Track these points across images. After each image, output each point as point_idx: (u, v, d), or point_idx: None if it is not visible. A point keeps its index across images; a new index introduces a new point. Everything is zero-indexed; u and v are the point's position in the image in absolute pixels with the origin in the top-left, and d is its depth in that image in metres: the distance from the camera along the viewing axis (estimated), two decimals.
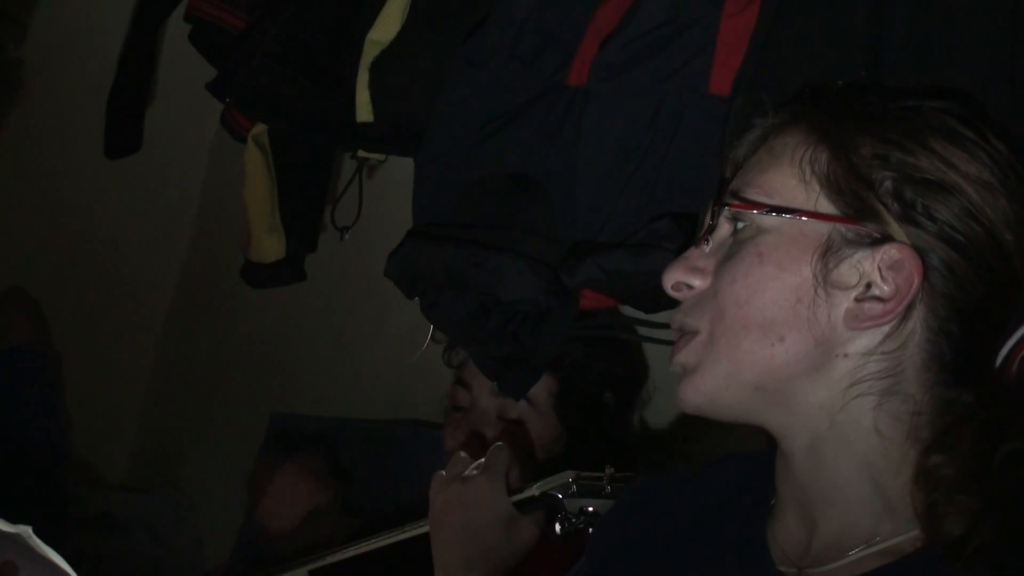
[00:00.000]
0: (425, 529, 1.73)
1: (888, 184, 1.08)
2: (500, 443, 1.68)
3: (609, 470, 1.61)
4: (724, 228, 1.16)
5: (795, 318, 1.09)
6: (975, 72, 1.47)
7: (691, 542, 1.23)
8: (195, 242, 3.22)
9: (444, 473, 1.66)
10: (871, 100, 1.15)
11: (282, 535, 2.44)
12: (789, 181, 1.11)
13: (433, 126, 1.88)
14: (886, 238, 1.07)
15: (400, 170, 2.06)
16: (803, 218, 1.10)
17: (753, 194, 1.13)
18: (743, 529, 1.20)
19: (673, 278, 1.17)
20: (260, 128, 2.14)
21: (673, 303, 1.19)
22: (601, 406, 2.11)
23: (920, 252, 1.06)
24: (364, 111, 1.96)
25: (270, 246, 2.21)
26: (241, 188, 2.25)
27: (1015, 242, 1.08)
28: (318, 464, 2.45)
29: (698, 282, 1.16)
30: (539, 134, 1.79)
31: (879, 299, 1.07)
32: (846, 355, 1.08)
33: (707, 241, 1.17)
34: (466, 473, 1.64)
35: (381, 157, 2.12)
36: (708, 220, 1.17)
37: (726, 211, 1.15)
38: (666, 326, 1.23)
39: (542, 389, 2.01)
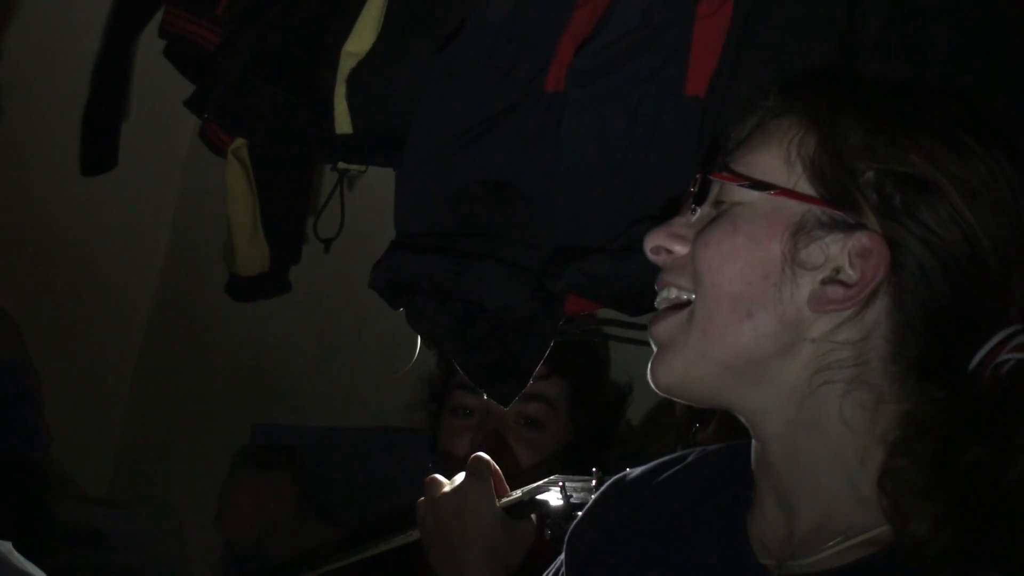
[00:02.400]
0: (411, 539, 1.74)
1: (871, 175, 1.08)
2: (480, 453, 1.69)
3: (597, 473, 1.62)
4: (708, 201, 1.18)
5: (762, 294, 1.10)
6: (945, 74, 1.50)
7: (671, 539, 1.23)
8: (173, 255, 3.22)
9: (424, 498, 1.67)
10: (872, 91, 1.17)
11: (243, 548, 2.45)
12: (774, 161, 1.13)
13: (413, 136, 1.88)
14: (859, 226, 1.08)
15: (381, 180, 2.06)
16: (780, 196, 1.11)
17: (738, 168, 1.15)
18: (723, 522, 1.20)
19: (653, 242, 1.19)
20: (240, 142, 2.14)
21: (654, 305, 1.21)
22: (610, 406, 2.14)
23: (891, 245, 1.07)
24: (343, 123, 1.96)
25: (254, 259, 2.21)
26: (218, 200, 2.25)
27: (993, 250, 1.07)
28: (281, 481, 2.45)
29: (678, 247, 1.17)
30: (518, 141, 1.80)
31: (843, 284, 1.08)
32: (813, 340, 1.09)
33: (693, 212, 1.18)
34: (449, 486, 1.65)
35: (362, 168, 2.13)
36: (691, 189, 1.19)
37: (710, 183, 1.18)
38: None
39: (559, 390, 2.04)
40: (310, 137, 2.01)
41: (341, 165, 2.10)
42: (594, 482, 1.61)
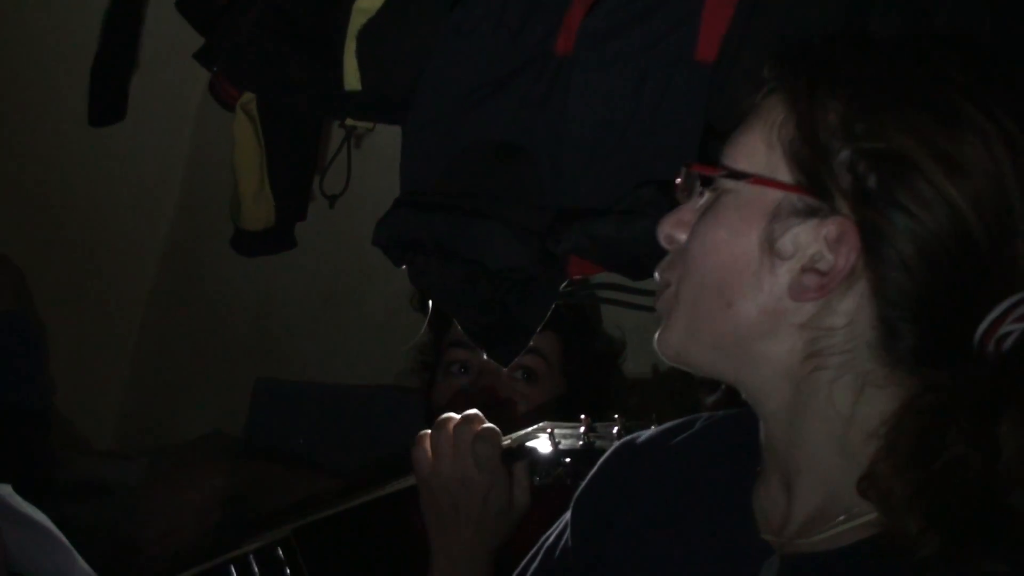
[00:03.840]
0: (406, 484, 1.74)
1: (845, 155, 1.05)
2: (476, 411, 1.67)
3: (585, 420, 1.62)
4: (711, 185, 1.17)
5: (742, 285, 1.10)
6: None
7: (677, 507, 1.24)
8: (181, 210, 3.21)
9: (430, 440, 1.65)
10: (863, 58, 1.11)
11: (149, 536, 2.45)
12: (758, 145, 1.11)
13: (421, 94, 1.88)
14: (833, 212, 1.05)
15: (388, 138, 2.06)
16: (756, 184, 1.10)
17: (727, 154, 1.14)
18: (729, 494, 1.20)
19: (662, 230, 1.19)
20: (249, 97, 2.13)
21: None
22: (601, 360, 2.15)
23: (865, 230, 1.04)
24: (352, 79, 1.95)
25: (260, 215, 2.21)
26: (227, 155, 2.25)
27: (984, 228, 1.02)
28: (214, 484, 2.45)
29: (682, 235, 1.17)
30: (526, 102, 1.80)
31: (819, 272, 1.06)
32: (800, 325, 1.08)
33: (701, 195, 1.17)
34: (446, 451, 1.63)
35: (369, 125, 2.13)
36: (677, 180, 1.19)
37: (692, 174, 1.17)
38: (652, 293, 1.24)
39: (552, 343, 2.05)
40: (318, 93, 2.01)
41: (348, 122, 2.10)
42: (582, 428, 1.61)
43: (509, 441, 1.66)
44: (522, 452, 1.65)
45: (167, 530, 2.39)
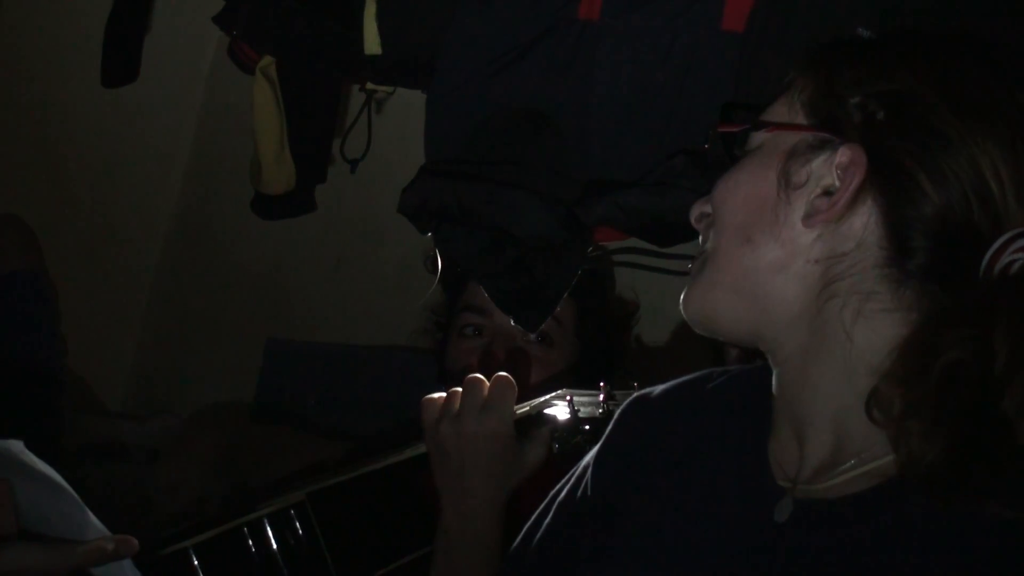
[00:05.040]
0: (418, 451, 1.74)
1: (858, 99, 1.11)
2: (505, 374, 1.68)
3: (604, 387, 1.62)
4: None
5: (760, 219, 1.13)
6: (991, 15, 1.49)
7: (693, 457, 1.25)
8: (193, 170, 3.20)
9: (439, 405, 1.65)
10: (879, 41, 1.18)
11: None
12: (780, 108, 1.17)
13: (444, 60, 1.87)
14: (843, 143, 1.10)
15: (408, 102, 2.06)
16: (775, 131, 1.15)
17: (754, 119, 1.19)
18: (745, 444, 1.22)
19: (693, 212, 1.23)
20: (268, 60, 2.12)
21: (685, 236, 1.23)
22: (615, 324, 2.16)
23: (872, 154, 1.08)
24: (372, 43, 1.95)
25: (280, 178, 2.20)
26: (239, 118, 2.25)
27: (990, 165, 1.06)
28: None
29: (707, 207, 1.21)
30: (549, 69, 1.80)
31: (830, 196, 1.10)
32: (816, 261, 1.11)
33: None
34: (470, 409, 1.63)
35: (389, 89, 2.12)
36: (705, 146, 1.24)
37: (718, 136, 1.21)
38: (678, 257, 1.26)
39: (567, 307, 2.05)
40: (339, 57, 2.00)
41: (369, 86, 2.09)
42: (601, 396, 1.62)
43: (528, 408, 1.67)
44: (541, 419, 1.66)
45: (176, 484, 2.41)
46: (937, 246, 1.06)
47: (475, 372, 1.67)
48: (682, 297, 1.20)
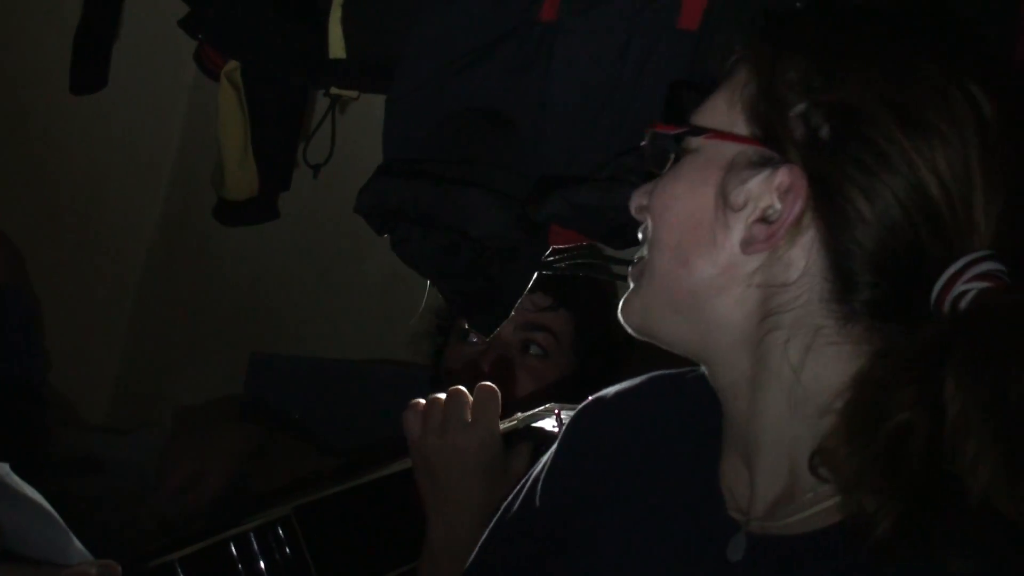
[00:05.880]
0: (404, 466, 1.74)
1: (801, 108, 1.04)
2: (489, 384, 1.68)
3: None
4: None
5: (697, 242, 1.08)
6: None
7: (645, 482, 1.22)
8: (176, 182, 3.20)
9: (422, 417, 1.65)
10: (825, 23, 1.10)
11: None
12: (719, 104, 1.11)
13: (405, 61, 1.86)
14: (785, 162, 1.04)
15: (373, 107, 2.04)
16: (713, 139, 1.09)
17: (691, 117, 1.14)
18: (696, 470, 1.18)
19: (633, 202, 1.19)
20: (233, 65, 2.12)
21: (637, 240, 1.19)
22: (614, 344, 2.14)
23: (815, 179, 1.02)
24: (337, 47, 1.94)
25: (243, 184, 2.20)
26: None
27: (940, 185, 1.00)
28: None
29: (647, 200, 1.16)
30: (510, 70, 1.79)
31: (768, 223, 1.04)
32: (757, 285, 1.06)
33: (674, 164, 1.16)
34: (455, 420, 1.62)
35: (354, 94, 2.11)
36: (643, 143, 1.18)
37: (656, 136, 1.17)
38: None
39: (564, 323, 2.05)
40: (303, 61, 2.00)
41: (333, 90, 2.08)
42: None
43: (516, 421, 1.67)
44: (528, 432, 1.65)
45: (184, 485, 2.39)
46: (882, 280, 1.01)
47: (461, 377, 1.67)
48: (620, 306, 1.16)
